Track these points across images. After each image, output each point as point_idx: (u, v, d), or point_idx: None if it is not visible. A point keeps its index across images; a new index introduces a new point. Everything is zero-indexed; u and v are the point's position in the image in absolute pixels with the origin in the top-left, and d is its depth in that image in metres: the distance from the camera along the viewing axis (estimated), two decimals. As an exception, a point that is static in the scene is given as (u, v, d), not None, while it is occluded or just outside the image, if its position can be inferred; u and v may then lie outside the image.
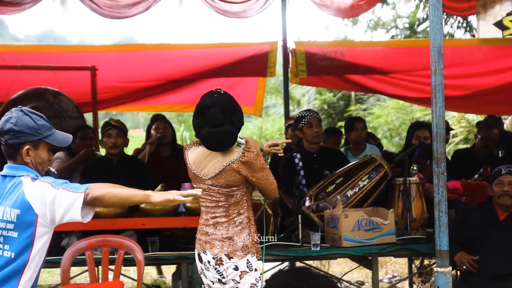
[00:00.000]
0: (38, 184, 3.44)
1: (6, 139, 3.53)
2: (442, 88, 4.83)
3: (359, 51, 9.70)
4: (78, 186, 3.49)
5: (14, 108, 3.65)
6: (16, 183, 3.47)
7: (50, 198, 3.40)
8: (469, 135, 15.39)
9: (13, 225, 3.41)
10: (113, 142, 6.37)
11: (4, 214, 3.42)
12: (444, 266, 4.95)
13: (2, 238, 3.43)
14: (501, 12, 6.43)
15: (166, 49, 9.84)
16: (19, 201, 3.41)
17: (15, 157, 3.54)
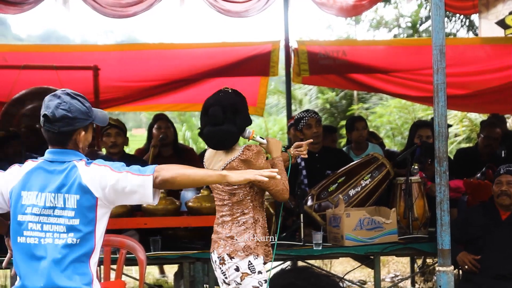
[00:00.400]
0: (94, 168, 3.34)
1: (59, 127, 3.36)
2: (444, 87, 4.82)
3: (362, 50, 9.69)
4: (141, 168, 3.36)
5: (58, 91, 3.46)
6: (69, 169, 3.33)
7: (112, 181, 3.29)
8: (472, 134, 15.38)
9: (73, 212, 3.28)
10: (113, 141, 6.39)
11: (66, 201, 3.29)
12: (446, 266, 4.94)
13: (64, 227, 3.28)
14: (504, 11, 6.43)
15: (168, 48, 9.83)
16: (75, 186, 3.28)
17: (64, 143, 3.39)
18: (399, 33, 22.36)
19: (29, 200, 3.31)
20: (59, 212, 3.28)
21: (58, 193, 3.29)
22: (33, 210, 3.29)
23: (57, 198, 3.29)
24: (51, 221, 3.29)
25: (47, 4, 7.67)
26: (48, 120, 3.34)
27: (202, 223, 5.67)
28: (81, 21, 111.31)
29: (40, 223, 3.29)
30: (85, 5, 7.75)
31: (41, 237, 3.28)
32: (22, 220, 3.30)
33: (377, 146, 7.91)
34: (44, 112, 3.34)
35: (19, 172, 3.38)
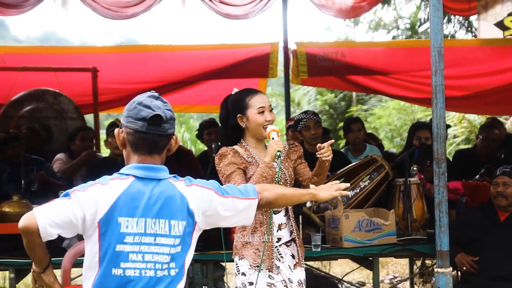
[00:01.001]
0: (197, 190, 2.98)
1: (167, 129, 2.99)
2: (443, 89, 4.83)
3: (360, 51, 9.70)
4: (242, 189, 3.12)
5: (147, 93, 3.06)
6: (168, 189, 2.94)
7: (218, 207, 3.01)
8: (470, 136, 15.39)
9: (179, 239, 2.93)
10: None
11: (171, 228, 2.91)
12: (445, 267, 4.94)
13: (168, 257, 2.92)
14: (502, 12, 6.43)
15: (167, 50, 9.84)
16: (182, 210, 2.93)
17: (162, 150, 3.01)
18: (397, 35, 22.38)
19: (128, 228, 2.87)
20: (162, 240, 2.91)
21: (160, 219, 2.90)
22: (135, 239, 2.88)
23: (159, 224, 2.90)
24: (152, 250, 2.90)
25: (46, 5, 7.68)
26: (160, 121, 2.95)
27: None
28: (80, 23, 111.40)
29: (141, 253, 2.89)
30: (84, 6, 7.76)
31: (142, 269, 2.89)
32: (120, 250, 2.86)
33: (375, 148, 7.90)
34: (156, 112, 2.94)
35: (108, 194, 2.88)
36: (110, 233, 2.86)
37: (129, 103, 3.03)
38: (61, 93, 8.53)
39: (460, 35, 19.91)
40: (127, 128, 3.00)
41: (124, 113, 3.03)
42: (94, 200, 2.86)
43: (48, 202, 2.92)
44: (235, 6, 8.24)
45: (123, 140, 3.03)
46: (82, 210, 2.84)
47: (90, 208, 2.84)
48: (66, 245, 5.83)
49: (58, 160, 7.38)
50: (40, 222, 2.86)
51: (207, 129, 8.01)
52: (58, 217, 2.86)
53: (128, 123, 2.98)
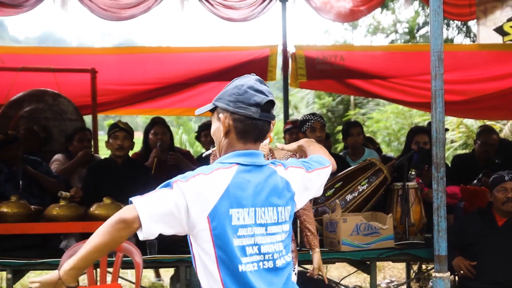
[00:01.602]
0: (294, 171, 2.87)
1: (274, 115, 2.85)
2: (442, 93, 4.84)
3: (359, 55, 9.69)
4: (317, 159, 3.07)
5: (252, 76, 2.84)
6: (271, 175, 2.78)
7: (308, 183, 2.94)
8: (468, 141, 15.40)
9: (288, 225, 2.82)
10: (120, 144, 6.38)
11: (279, 215, 2.77)
12: (443, 271, 4.94)
13: (281, 245, 2.79)
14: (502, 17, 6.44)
15: (166, 52, 9.83)
16: (288, 196, 2.81)
17: (262, 139, 2.84)
18: (396, 39, 22.41)
19: (240, 220, 2.65)
20: (273, 229, 2.75)
21: (268, 207, 2.74)
22: (248, 231, 2.67)
23: (267, 212, 2.73)
24: (267, 241, 2.73)
25: (45, 5, 7.68)
26: (272, 107, 2.81)
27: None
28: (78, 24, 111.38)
29: (256, 245, 2.69)
30: (83, 7, 7.76)
31: (259, 261, 2.70)
32: (239, 245, 2.64)
33: (374, 152, 7.91)
34: (269, 97, 2.76)
35: (214, 185, 2.63)
36: (223, 227, 2.61)
37: (235, 86, 2.78)
38: (60, 94, 8.52)
39: (459, 40, 19.96)
40: (235, 114, 2.74)
41: (230, 97, 2.76)
42: (198, 192, 2.59)
43: (147, 194, 2.62)
44: (234, 9, 8.25)
45: (228, 127, 2.77)
46: (185, 201, 2.57)
47: (195, 201, 2.59)
48: (63, 246, 5.84)
49: (56, 160, 7.38)
50: (143, 217, 2.54)
51: (205, 131, 8.02)
52: (160, 210, 2.57)
53: (237, 108, 2.73)
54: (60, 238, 6.01)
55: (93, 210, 5.80)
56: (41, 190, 6.63)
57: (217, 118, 2.83)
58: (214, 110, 2.85)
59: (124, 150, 6.44)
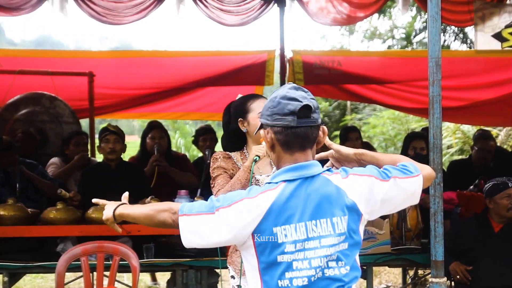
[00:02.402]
0: (356, 179, 2.73)
1: (317, 118, 2.75)
2: (440, 99, 4.84)
3: (357, 60, 9.71)
4: (402, 168, 2.83)
5: (286, 85, 2.81)
6: (321, 185, 2.71)
7: (381, 194, 2.74)
8: (464, 146, 15.43)
9: (344, 236, 2.71)
10: (111, 147, 6.37)
11: (335, 226, 2.69)
12: (439, 277, 4.94)
13: (336, 256, 2.70)
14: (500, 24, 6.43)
15: (163, 56, 9.85)
16: (342, 205, 2.69)
17: (312, 145, 2.79)
18: (393, 44, 22.45)
19: (287, 237, 2.67)
20: (328, 241, 2.70)
21: (320, 219, 2.69)
22: (296, 247, 2.67)
23: (320, 224, 2.69)
24: (319, 254, 2.69)
25: (44, 8, 7.69)
26: (309, 111, 2.72)
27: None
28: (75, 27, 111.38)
29: (306, 259, 2.69)
30: (82, 12, 7.77)
31: (310, 276, 2.69)
32: (284, 261, 2.67)
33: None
34: (304, 102, 2.70)
35: (258, 207, 2.68)
36: (266, 245, 2.68)
37: (270, 99, 2.78)
38: (57, 97, 8.53)
39: (455, 46, 19.98)
40: (274, 127, 2.74)
41: (266, 112, 2.78)
42: (241, 217, 2.67)
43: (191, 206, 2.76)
44: (231, 14, 8.26)
45: (272, 141, 2.78)
46: (227, 230, 2.68)
47: (238, 225, 2.67)
48: (60, 249, 5.84)
49: (52, 164, 7.38)
50: (184, 233, 2.78)
51: (203, 136, 8.01)
52: (201, 233, 2.74)
53: (274, 121, 2.73)
54: (56, 241, 6.01)
55: (89, 213, 5.81)
56: (38, 194, 6.63)
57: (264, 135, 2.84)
58: (261, 127, 2.86)
59: (116, 153, 6.43)
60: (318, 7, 8.32)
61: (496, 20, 6.53)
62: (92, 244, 5.43)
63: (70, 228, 5.79)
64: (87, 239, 5.57)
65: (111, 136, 6.40)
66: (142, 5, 7.85)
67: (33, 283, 9.78)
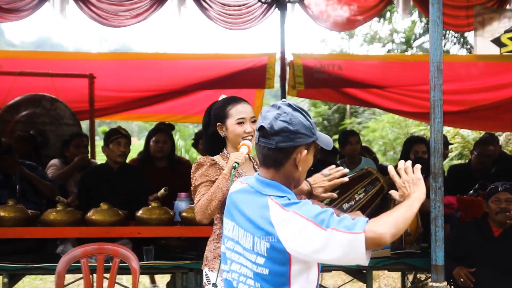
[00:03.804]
0: (290, 217, 2.66)
1: (277, 141, 2.76)
2: (441, 104, 4.85)
3: (357, 64, 9.72)
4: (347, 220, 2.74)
5: (278, 102, 2.88)
6: (263, 206, 2.75)
7: (316, 244, 2.64)
8: (464, 151, 15.44)
9: (263, 260, 2.72)
10: (123, 151, 6.34)
11: (254, 244, 2.74)
12: (440, 281, 4.94)
13: (252, 273, 2.77)
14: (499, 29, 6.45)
15: (163, 58, 9.85)
16: (264, 231, 2.71)
17: (281, 163, 2.80)
18: (392, 49, 22.47)
19: (227, 230, 2.87)
20: (247, 254, 2.78)
21: (247, 232, 2.78)
22: (228, 244, 2.86)
23: (246, 236, 2.78)
24: (241, 261, 2.81)
25: (44, 10, 7.71)
26: (265, 133, 2.79)
27: (195, 233, 5.67)
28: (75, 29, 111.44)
29: (232, 261, 2.86)
30: (82, 13, 7.78)
31: (234, 279, 2.85)
32: (222, 251, 2.90)
33: (370, 161, 7.92)
34: (261, 123, 2.80)
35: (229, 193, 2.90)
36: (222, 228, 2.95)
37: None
38: (57, 99, 8.53)
39: (454, 50, 20.02)
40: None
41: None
42: None
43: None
44: (232, 17, 8.28)
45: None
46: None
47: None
48: (60, 251, 5.84)
49: (52, 166, 7.38)
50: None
51: (203, 139, 7.99)
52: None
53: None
54: (56, 243, 6.01)
55: (90, 215, 5.80)
56: (37, 195, 6.62)
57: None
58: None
59: (125, 157, 6.43)
60: (319, 10, 8.34)
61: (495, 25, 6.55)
62: (92, 246, 5.43)
63: (70, 230, 5.78)
64: (87, 240, 5.56)
65: (123, 139, 6.38)
66: (142, 8, 7.88)
67: (32, 285, 9.78)
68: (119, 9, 7.93)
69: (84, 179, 6.56)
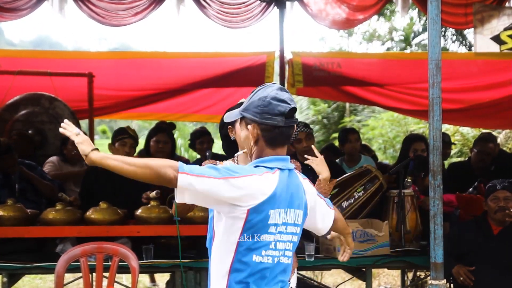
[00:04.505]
0: (308, 184, 3.19)
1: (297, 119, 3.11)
2: (440, 102, 4.84)
3: (357, 62, 9.72)
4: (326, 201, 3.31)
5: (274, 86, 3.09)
6: (296, 179, 3.08)
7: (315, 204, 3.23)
8: (464, 149, 15.43)
9: (299, 229, 3.09)
10: (127, 152, 6.33)
11: (296, 217, 3.04)
12: (439, 279, 4.94)
13: (292, 245, 3.06)
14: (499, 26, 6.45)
15: (163, 57, 9.85)
16: (303, 201, 3.09)
17: (289, 142, 3.13)
18: (392, 46, 22.45)
19: (275, 219, 2.97)
20: (290, 228, 3.03)
21: (291, 209, 3.02)
22: (276, 229, 2.98)
23: (290, 213, 3.02)
24: (286, 238, 3.03)
25: (43, 9, 7.70)
26: (294, 113, 3.05)
27: (195, 232, 5.66)
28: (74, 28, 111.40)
29: (280, 241, 3.01)
30: (81, 12, 7.78)
31: (275, 256, 3.00)
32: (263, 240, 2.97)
33: (370, 159, 7.91)
34: (292, 105, 3.00)
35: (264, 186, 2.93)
36: (257, 223, 2.91)
37: (259, 98, 3.02)
38: (56, 98, 8.53)
39: (453, 48, 19.99)
40: (262, 125, 2.99)
41: (256, 109, 3.01)
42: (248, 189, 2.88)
43: (192, 167, 2.86)
44: (231, 15, 8.28)
45: (257, 136, 3.01)
46: (229, 194, 2.85)
47: (242, 196, 2.87)
48: (59, 250, 5.83)
49: (49, 162, 7.36)
50: (180, 190, 2.86)
51: (199, 139, 7.96)
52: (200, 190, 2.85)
53: (264, 119, 2.98)
54: (56, 242, 6.01)
55: (89, 214, 5.80)
56: (37, 195, 6.62)
57: (245, 126, 3.07)
58: (242, 119, 3.11)
59: None
60: (318, 8, 8.34)
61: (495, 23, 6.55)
62: (91, 245, 5.43)
63: (70, 229, 5.78)
64: (86, 240, 5.57)
65: (129, 140, 6.37)
66: (141, 6, 7.87)
67: (32, 284, 9.78)
68: (118, 8, 7.93)
69: (85, 178, 6.56)
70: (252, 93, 3.09)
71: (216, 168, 2.89)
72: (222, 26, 8.39)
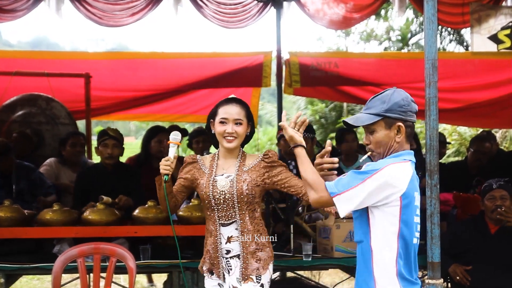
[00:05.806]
0: None
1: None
2: (436, 101, 4.84)
3: (354, 62, 9.72)
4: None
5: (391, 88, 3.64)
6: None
7: None
8: (461, 148, 15.44)
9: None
10: (109, 153, 6.33)
11: (418, 201, 3.47)
12: (436, 278, 4.93)
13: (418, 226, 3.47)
14: (496, 26, 6.46)
15: (160, 58, 9.84)
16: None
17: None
18: (389, 46, 22.46)
19: (417, 201, 3.44)
20: (418, 212, 3.48)
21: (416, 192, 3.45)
22: (416, 211, 3.46)
23: (418, 197, 3.47)
24: (417, 221, 3.47)
25: (41, 10, 7.69)
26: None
27: (192, 232, 5.67)
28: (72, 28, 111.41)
29: (418, 223, 3.47)
30: (78, 13, 7.78)
31: (417, 237, 3.49)
32: (415, 222, 3.43)
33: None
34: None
35: (404, 173, 3.38)
36: (409, 205, 3.36)
37: (401, 99, 3.49)
38: (53, 99, 8.52)
39: (450, 48, 20.00)
40: (408, 122, 3.47)
41: (401, 109, 3.46)
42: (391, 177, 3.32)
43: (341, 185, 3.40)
44: (228, 15, 8.28)
45: (404, 133, 3.46)
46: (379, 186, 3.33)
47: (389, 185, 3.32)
48: (56, 251, 5.83)
49: (45, 165, 7.34)
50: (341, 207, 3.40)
51: (196, 138, 7.96)
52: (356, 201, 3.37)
53: (409, 117, 3.46)
54: (53, 242, 6.00)
55: (86, 215, 5.80)
56: (34, 197, 6.61)
57: (384, 126, 3.47)
58: (381, 120, 3.49)
59: (114, 158, 6.41)
60: (315, 8, 8.34)
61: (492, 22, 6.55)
62: (88, 245, 5.42)
63: (67, 230, 5.78)
64: (83, 240, 5.56)
65: (110, 141, 6.36)
66: (138, 7, 7.87)
67: (29, 285, 9.77)
68: (115, 8, 7.92)
69: (79, 178, 6.57)
70: (380, 98, 3.58)
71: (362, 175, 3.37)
72: (219, 26, 8.39)
